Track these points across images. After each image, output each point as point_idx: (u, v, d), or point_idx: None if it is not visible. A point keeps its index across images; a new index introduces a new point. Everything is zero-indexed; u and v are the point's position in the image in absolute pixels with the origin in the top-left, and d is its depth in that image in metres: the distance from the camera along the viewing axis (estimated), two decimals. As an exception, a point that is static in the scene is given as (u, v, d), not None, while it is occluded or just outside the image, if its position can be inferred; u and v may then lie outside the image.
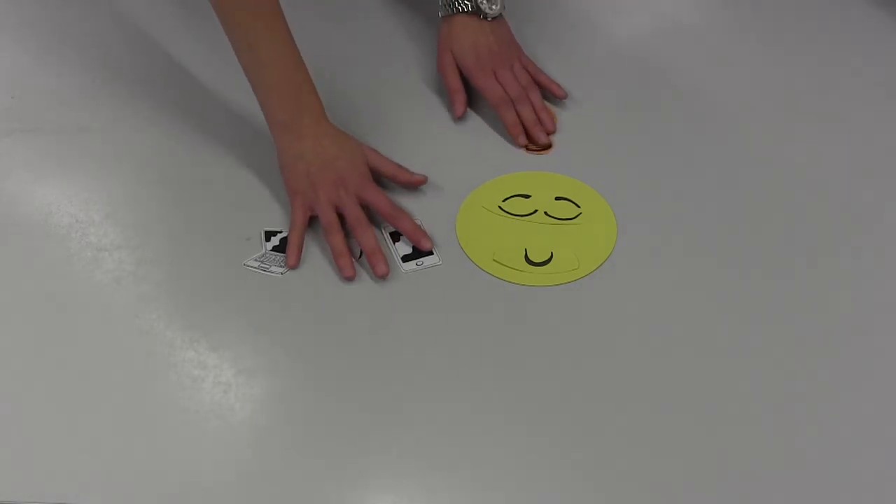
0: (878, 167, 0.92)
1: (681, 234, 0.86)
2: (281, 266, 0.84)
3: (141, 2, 1.11)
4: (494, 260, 0.84)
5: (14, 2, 1.12)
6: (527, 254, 0.84)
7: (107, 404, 0.74)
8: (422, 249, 0.85)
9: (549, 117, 0.97)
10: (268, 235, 0.86)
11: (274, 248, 0.85)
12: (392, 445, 0.71)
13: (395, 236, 0.87)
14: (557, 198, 0.89)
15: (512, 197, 0.89)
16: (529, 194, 0.89)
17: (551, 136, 0.96)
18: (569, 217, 0.88)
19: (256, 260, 0.83)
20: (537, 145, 0.95)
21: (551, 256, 0.84)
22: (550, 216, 0.88)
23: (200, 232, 0.87)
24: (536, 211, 0.88)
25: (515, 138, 0.95)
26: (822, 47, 1.06)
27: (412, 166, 0.90)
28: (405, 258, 0.85)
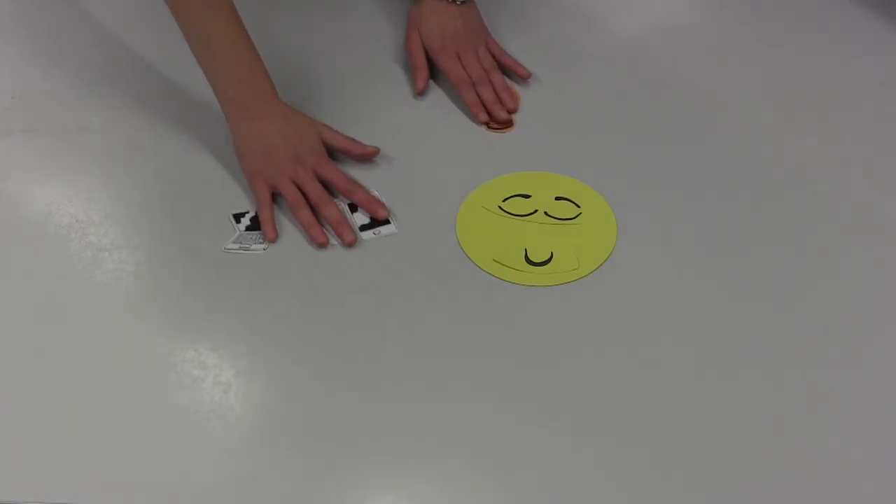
0: (879, 167, 0.92)
1: (681, 235, 0.86)
2: (260, 243, 0.85)
3: (141, 2, 1.11)
4: (494, 260, 0.84)
5: (14, 2, 1.12)
6: (527, 254, 0.84)
7: (107, 404, 0.74)
8: (378, 219, 0.88)
9: (511, 96, 0.99)
10: (237, 218, 0.88)
11: (247, 229, 0.87)
12: (392, 445, 0.71)
13: (353, 208, 0.89)
14: (557, 198, 0.89)
15: (512, 197, 0.89)
16: (529, 194, 0.89)
17: (514, 115, 0.98)
18: (569, 217, 0.88)
19: (235, 242, 0.85)
20: (498, 123, 0.97)
21: (551, 256, 0.84)
22: (550, 216, 0.88)
23: (201, 232, 0.87)
24: (536, 211, 0.88)
25: (476, 116, 0.98)
26: (822, 47, 1.06)
27: (412, 166, 0.90)
28: (363, 228, 0.88)
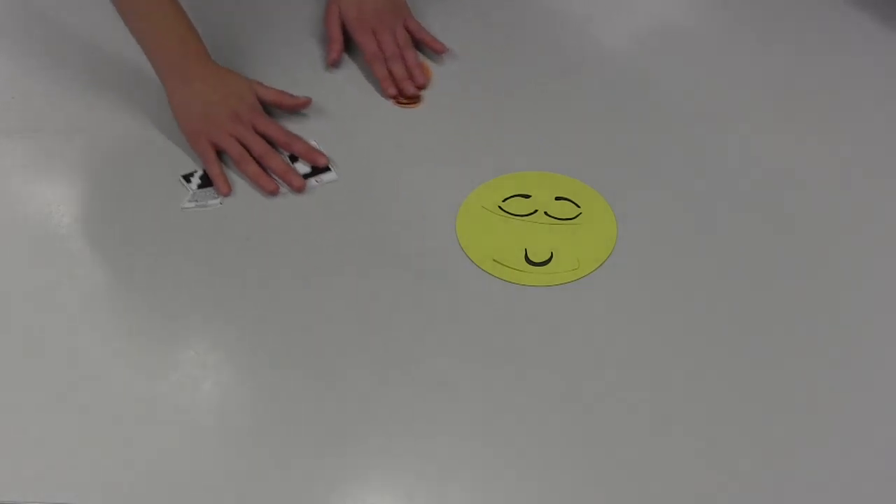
0: (879, 167, 0.92)
1: (681, 234, 0.86)
2: (215, 198, 0.88)
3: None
4: (494, 260, 0.84)
5: (14, 2, 1.12)
6: (527, 254, 0.84)
7: (107, 404, 0.74)
8: (318, 166, 0.92)
9: (422, 73, 1.01)
10: (186, 178, 0.90)
11: (199, 187, 0.89)
12: (392, 445, 0.72)
13: (293, 159, 0.93)
14: (557, 198, 0.89)
15: (512, 197, 0.89)
16: (529, 194, 0.89)
17: (423, 92, 1.00)
18: (569, 217, 0.88)
19: (190, 200, 0.87)
20: (406, 98, 0.99)
21: (551, 256, 0.84)
22: (550, 216, 0.88)
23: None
24: (536, 211, 0.88)
25: (385, 90, 0.99)
26: (822, 47, 1.06)
27: (409, 167, 0.91)
28: (304, 176, 0.91)
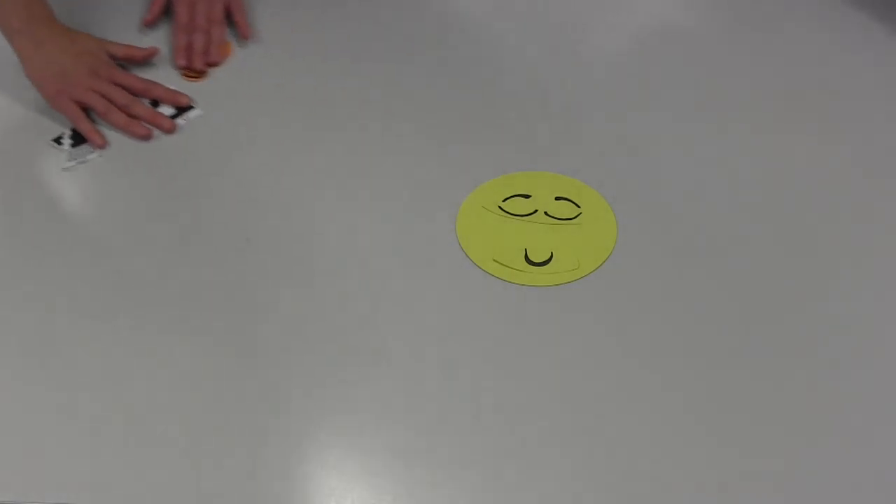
0: (879, 167, 0.92)
1: (681, 234, 0.86)
2: (92, 152, 0.92)
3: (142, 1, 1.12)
4: (494, 260, 0.84)
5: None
6: (527, 254, 0.84)
7: (107, 403, 0.74)
8: (181, 106, 0.96)
9: (218, 52, 1.04)
10: (57, 141, 0.94)
11: (73, 146, 0.93)
12: (391, 445, 0.72)
13: (154, 104, 0.97)
14: (557, 198, 0.89)
15: (512, 197, 0.89)
16: (529, 194, 0.89)
17: (216, 70, 1.03)
18: (569, 217, 0.88)
19: (70, 160, 0.90)
20: (193, 71, 1.02)
21: (551, 256, 0.84)
22: (550, 216, 0.88)
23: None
24: (536, 211, 0.88)
25: (175, 59, 1.03)
26: (821, 47, 1.06)
27: (410, 167, 0.91)
28: (171, 118, 0.95)
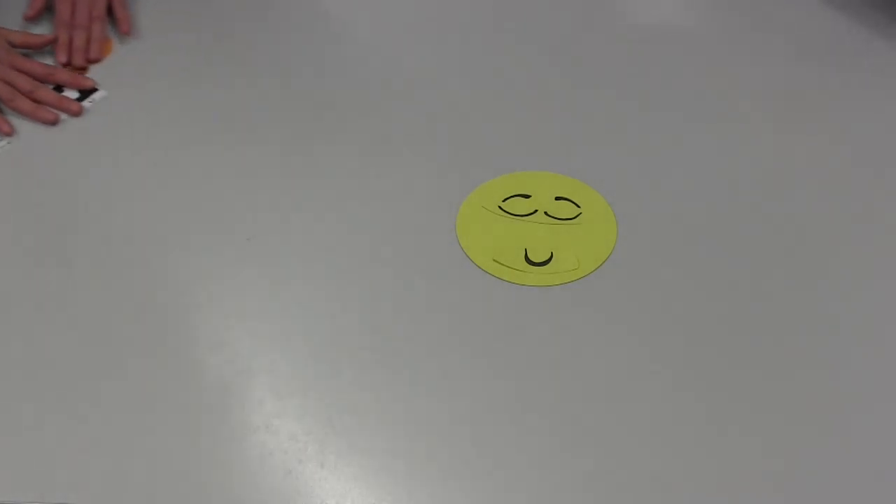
0: (879, 167, 0.92)
1: (681, 234, 0.86)
2: (1, 140, 0.93)
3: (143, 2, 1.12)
4: (494, 260, 0.84)
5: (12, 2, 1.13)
6: (527, 254, 0.84)
7: (106, 403, 0.74)
8: (86, 89, 0.99)
9: (99, 48, 1.05)
10: None
11: None
12: (390, 445, 0.72)
13: (59, 89, 0.99)
14: (557, 198, 0.89)
15: (512, 197, 0.89)
16: (529, 194, 0.89)
17: (97, 66, 1.04)
18: (569, 217, 0.88)
19: None
20: (75, 67, 1.04)
21: (551, 256, 0.84)
22: (550, 216, 0.88)
23: (203, 229, 0.87)
24: (536, 211, 0.88)
25: (56, 55, 1.04)
26: (821, 47, 1.06)
27: (409, 167, 0.91)
28: (77, 101, 0.98)
